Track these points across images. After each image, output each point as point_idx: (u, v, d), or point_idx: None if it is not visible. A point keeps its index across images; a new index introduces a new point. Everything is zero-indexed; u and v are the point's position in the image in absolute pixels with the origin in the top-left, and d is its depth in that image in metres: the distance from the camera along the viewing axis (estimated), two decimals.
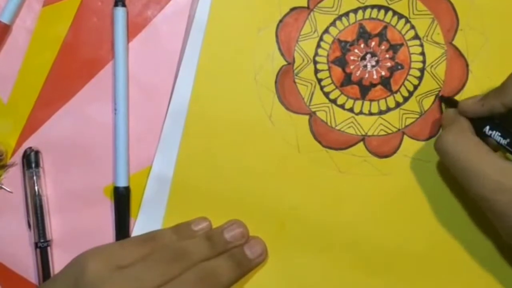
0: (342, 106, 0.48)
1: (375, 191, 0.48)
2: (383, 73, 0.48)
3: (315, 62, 0.47)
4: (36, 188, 0.48)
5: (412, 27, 0.47)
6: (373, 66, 0.47)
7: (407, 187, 0.48)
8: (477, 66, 0.47)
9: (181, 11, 0.48)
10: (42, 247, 0.48)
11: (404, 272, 0.48)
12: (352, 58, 0.47)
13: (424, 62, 0.48)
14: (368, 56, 0.47)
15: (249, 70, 0.47)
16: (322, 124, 0.48)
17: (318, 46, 0.47)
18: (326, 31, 0.47)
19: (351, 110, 0.48)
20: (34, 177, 0.48)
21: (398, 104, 0.48)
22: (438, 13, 0.47)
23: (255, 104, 0.47)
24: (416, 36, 0.47)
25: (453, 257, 0.48)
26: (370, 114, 0.48)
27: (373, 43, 0.47)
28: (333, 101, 0.48)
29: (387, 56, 0.47)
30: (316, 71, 0.48)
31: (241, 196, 0.48)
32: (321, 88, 0.48)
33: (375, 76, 0.48)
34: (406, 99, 0.48)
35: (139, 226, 0.48)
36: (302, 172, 0.48)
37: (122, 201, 0.48)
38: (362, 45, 0.47)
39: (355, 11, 0.47)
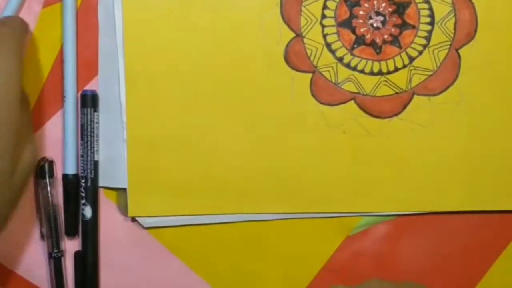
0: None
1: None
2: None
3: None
4: (50, 198, 0.47)
5: None
6: (380, 25, 0.47)
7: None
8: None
9: None
10: (56, 257, 0.47)
11: None
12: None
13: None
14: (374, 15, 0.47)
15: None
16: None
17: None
18: None
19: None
20: (48, 187, 0.47)
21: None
22: None
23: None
24: None
25: None
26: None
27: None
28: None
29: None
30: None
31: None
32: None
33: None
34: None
35: None
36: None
37: (71, 189, 0.48)
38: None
39: None
